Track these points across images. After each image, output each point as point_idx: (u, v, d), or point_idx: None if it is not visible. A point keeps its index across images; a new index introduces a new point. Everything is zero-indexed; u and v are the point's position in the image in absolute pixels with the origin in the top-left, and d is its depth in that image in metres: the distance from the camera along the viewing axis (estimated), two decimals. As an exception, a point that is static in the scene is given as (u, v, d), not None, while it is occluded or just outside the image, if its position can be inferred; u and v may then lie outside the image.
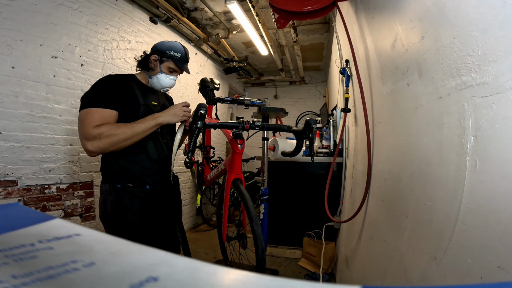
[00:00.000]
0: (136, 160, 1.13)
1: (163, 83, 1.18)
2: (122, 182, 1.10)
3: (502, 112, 0.45)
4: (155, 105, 1.19)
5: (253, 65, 4.87)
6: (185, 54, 1.19)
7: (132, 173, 1.12)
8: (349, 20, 1.60)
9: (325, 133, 2.84)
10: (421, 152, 0.73)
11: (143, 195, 1.13)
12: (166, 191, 1.22)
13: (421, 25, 0.73)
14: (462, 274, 0.52)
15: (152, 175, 1.16)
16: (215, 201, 3.18)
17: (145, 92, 1.17)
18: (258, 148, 1.68)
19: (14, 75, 1.57)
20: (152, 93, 1.22)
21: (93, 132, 0.98)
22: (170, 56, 1.16)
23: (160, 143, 1.18)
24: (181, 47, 1.19)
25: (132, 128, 1.03)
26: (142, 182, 1.13)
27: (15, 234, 0.22)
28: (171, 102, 1.40)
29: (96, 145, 0.99)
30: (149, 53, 1.20)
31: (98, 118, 1.01)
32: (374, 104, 1.21)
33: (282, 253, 2.53)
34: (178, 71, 1.21)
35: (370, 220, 1.20)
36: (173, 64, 1.17)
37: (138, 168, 1.13)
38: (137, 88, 1.14)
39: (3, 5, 1.50)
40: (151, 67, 1.18)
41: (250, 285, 0.16)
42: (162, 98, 1.29)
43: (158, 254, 0.19)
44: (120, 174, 1.11)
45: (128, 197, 1.09)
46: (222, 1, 2.79)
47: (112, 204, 1.08)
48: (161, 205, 1.20)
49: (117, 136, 1.00)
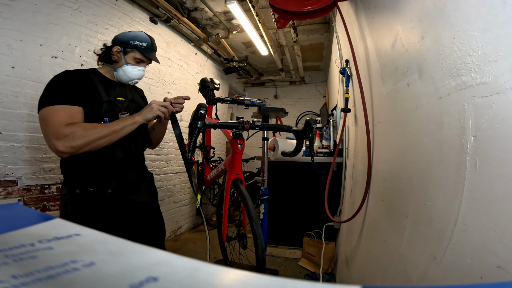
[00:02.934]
0: (99, 160, 1.03)
1: (130, 75, 1.11)
2: (82, 187, 1.01)
3: (502, 112, 0.45)
4: (121, 100, 1.11)
5: (253, 65, 4.87)
6: (151, 43, 1.12)
7: (94, 176, 1.02)
8: (349, 20, 1.60)
9: (325, 133, 2.84)
10: (421, 152, 0.73)
11: (104, 201, 1.02)
12: (136, 194, 1.12)
13: (421, 25, 0.73)
14: (462, 274, 0.52)
15: (118, 177, 1.06)
16: (215, 201, 3.18)
17: (109, 87, 1.09)
18: (258, 148, 1.68)
19: (14, 75, 1.57)
20: (118, 87, 1.13)
21: (65, 131, 0.90)
22: (134, 46, 1.09)
23: (127, 141, 1.08)
24: (146, 36, 1.12)
25: (109, 127, 0.96)
26: (104, 186, 1.03)
27: (15, 234, 0.22)
28: (143, 95, 1.32)
29: (68, 145, 0.90)
30: (110, 45, 1.12)
31: (66, 116, 0.93)
32: (374, 104, 1.21)
33: (282, 253, 2.53)
34: (146, 61, 1.14)
35: (370, 220, 1.20)
36: (139, 54, 1.10)
37: (101, 169, 1.03)
38: (99, 83, 1.06)
39: (3, 5, 1.50)
40: (115, 60, 1.10)
41: (250, 285, 0.16)
42: (131, 92, 1.21)
43: (158, 254, 0.19)
44: (81, 177, 1.02)
45: (87, 205, 1.00)
46: (222, 1, 2.79)
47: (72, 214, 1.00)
48: (130, 210, 1.09)
49: (92, 135, 0.92)
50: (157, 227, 1.23)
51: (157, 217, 1.24)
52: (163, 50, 2.93)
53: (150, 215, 1.19)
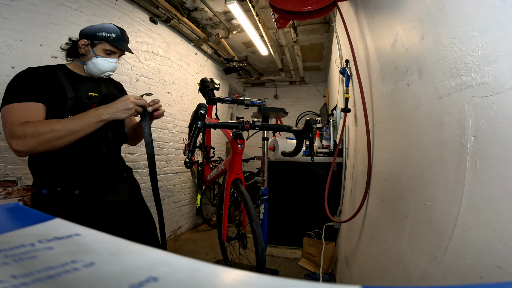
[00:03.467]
0: (67, 159, 0.98)
1: (101, 67, 1.06)
2: (50, 187, 0.96)
3: (502, 112, 0.45)
4: (93, 96, 1.05)
5: (253, 65, 4.87)
6: (121, 34, 1.08)
7: (61, 175, 0.97)
8: (349, 20, 1.60)
9: (325, 133, 2.84)
10: (421, 152, 0.73)
11: (72, 202, 0.97)
12: (107, 194, 1.05)
13: (421, 25, 0.73)
14: (462, 274, 0.52)
15: (86, 177, 1.01)
16: (215, 201, 3.18)
17: (77, 82, 1.04)
18: (258, 148, 1.68)
19: (14, 75, 1.56)
20: (89, 82, 1.08)
21: (17, 131, 0.86)
22: (102, 38, 1.04)
23: (95, 138, 1.03)
24: (114, 26, 1.08)
25: (65, 125, 0.87)
26: (72, 186, 0.98)
27: (15, 234, 0.22)
28: (121, 89, 1.24)
29: (23, 144, 0.85)
30: (75, 39, 1.08)
31: (21, 114, 0.89)
32: (374, 104, 1.21)
33: (282, 253, 2.53)
34: (117, 52, 1.09)
35: (370, 220, 1.20)
36: (109, 45, 1.05)
37: (68, 168, 0.98)
38: (65, 78, 1.01)
39: (3, 5, 1.50)
40: (82, 53, 1.06)
41: (250, 285, 0.16)
42: (106, 87, 1.14)
43: (158, 254, 0.19)
44: (48, 177, 0.97)
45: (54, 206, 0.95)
46: (222, 1, 2.79)
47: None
48: (100, 211, 1.03)
49: (45, 134, 0.86)
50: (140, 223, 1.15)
51: (138, 213, 1.16)
52: (163, 50, 2.93)
53: (126, 214, 1.11)
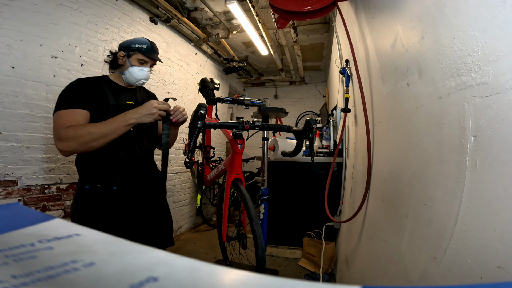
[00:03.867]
0: (106, 159, 1.12)
1: (136, 76, 1.20)
2: (92, 182, 1.10)
3: (502, 112, 0.45)
4: (130, 104, 1.19)
5: (253, 65, 4.87)
6: (151, 45, 1.22)
7: (101, 173, 1.11)
8: (349, 20, 1.60)
9: (325, 133, 2.84)
10: (421, 152, 0.73)
11: (109, 196, 1.11)
12: (140, 193, 1.19)
13: (421, 25, 0.73)
14: (462, 274, 0.52)
15: (123, 175, 1.14)
16: (215, 201, 3.17)
17: (118, 92, 1.19)
18: (258, 148, 1.68)
19: (14, 75, 1.57)
20: (128, 92, 1.23)
21: (62, 133, 1.00)
22: (136, 49, 1.19)
23: (131, 141, 1.18)
24: (145, 39, 1.23)
25: (99, 129, 1.01)
26: (110, 183, 1.12)
27: (15, 234, 0.22)
28: (154, 99, 1.37)
29: (66, 145, 1.00)
30: (114, 51, 1.24)
31: (67, 119, 1.03)
32: (374, 104, 1.21)
33: (282, 253, 2.53)
34: (149, 61, 1.23)
35: (370, 220, 1.20)
36: (141, 55, 1.20)
37: (108, 167, 1.12)
38: (108, 88, 1.16)
39: (3, 5, 1.50)
40: (121, 64, 1.21)
41: (250, 285, 0.16)
42: (141, 95, 1.29)
43: (158, 254, 0.19)
44: (91, 174, 1.12)
45: (94, 200, 1.09)
46: (222, 1, 2.79)
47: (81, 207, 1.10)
48: (132, 207, 1.15)
49: (83, 137, 0.99)
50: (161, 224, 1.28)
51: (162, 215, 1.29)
52: (163, 50, 2.93)
53: (153, 213, 1.24)
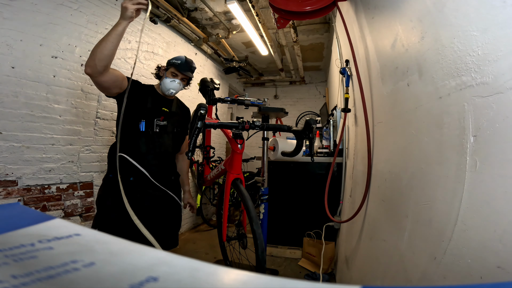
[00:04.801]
0: (128, 152, 1.30)
1: (167, 85, 1.38)
2: (115, 172, 1.24)
3: (502, 112, 0.45)
4: (165, 111, 1.39)
5: (253, 65, 4.87)
6: (185, 61, 1.40)
7: (122, 164, 1.27)
8: (349, 20, 1.60)
9: (325, 133, 2.83)
10: (421, 152, 0.73)
11: (127, 185, 1.25)
12: (155, 188, 1.34)
13: (421, 25, 0.73)
14: (462, 274, 0.52)
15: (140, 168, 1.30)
16: (215, 201, 3.17)
17: (157, 99, 1.40)
18: (258, 148, 1.68)
19: (14, 75, 1.56)
20: (166, 101, 1.43)
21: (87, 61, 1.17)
22: (172, 64, 1.40)
23: (153, 140, 1.35)
24: (183, 57, 1.42)
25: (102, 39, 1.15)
26: (128, 173, 1.29)
27: (15, 234, 0.22)
28: (187, 113, 1.56)
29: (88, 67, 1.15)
30: (161, 66, 1.48)
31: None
32: (374, 104, 1.21)
33: (282, 253, 2.53)
34: (179, 75, 1.41)
35: (370, 220, 1.20)
36: (174, 68, 1.39)
37: (127, 160, 1.29)
38: (149, 96, 1.38)
39: (3, 5, 1.50)
40: (161, 75, 1.44)
41: (250, 285, 0.16)
42: (176, 106, 1.48)
43: (158, 254, 0.19)
44: (115, 165, 1.23)
45: (113, 187, 1.26)
46: (222, 1, 2.79)
47: (102, 193, 1.30)
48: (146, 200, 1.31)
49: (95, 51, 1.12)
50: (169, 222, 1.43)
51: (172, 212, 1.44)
52: (163, 50, 2.93)
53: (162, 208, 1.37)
